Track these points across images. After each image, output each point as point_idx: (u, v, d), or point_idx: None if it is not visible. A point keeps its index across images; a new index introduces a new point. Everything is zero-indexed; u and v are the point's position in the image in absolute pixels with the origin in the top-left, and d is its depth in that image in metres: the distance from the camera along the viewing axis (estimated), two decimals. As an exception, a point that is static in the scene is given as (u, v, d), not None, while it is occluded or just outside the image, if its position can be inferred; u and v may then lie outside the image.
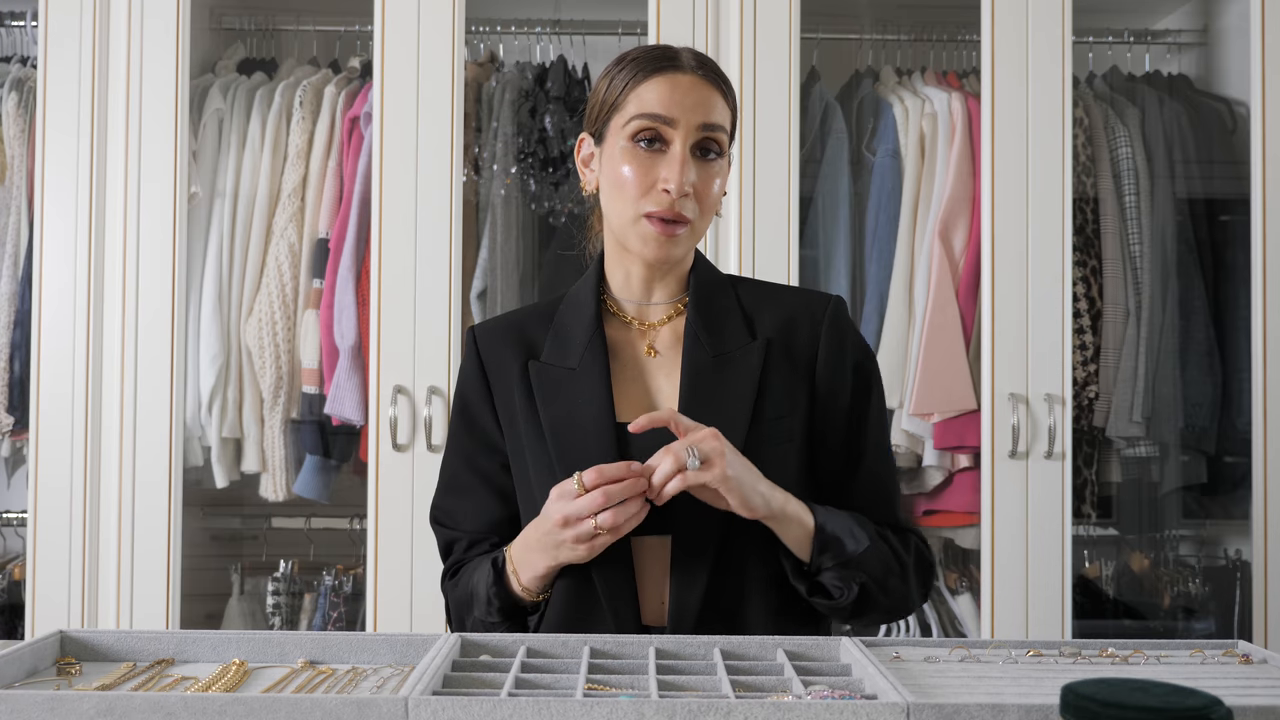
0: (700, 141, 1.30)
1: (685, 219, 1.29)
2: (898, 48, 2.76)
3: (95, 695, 0.87)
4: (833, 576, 1.26)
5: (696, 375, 1.32)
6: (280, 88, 2.59)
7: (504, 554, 1.31)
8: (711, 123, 1.30)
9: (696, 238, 1.34)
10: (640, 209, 1.30)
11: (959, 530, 2.54)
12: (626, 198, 1.30)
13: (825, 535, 1.25)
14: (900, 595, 1.31)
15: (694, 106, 1.29)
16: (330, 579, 2.63)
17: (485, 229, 2.57)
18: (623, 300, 1.40)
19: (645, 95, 1.30)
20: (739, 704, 0.85)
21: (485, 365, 1.39)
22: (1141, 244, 2.56)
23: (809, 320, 1.37)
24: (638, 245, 1.32)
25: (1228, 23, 2.76)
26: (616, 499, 1.18)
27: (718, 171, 1.32)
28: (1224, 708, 0.67)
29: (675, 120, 1.29)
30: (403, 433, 2.37)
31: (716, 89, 1.32)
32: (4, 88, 2.57)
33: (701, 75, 1.32)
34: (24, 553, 2.52)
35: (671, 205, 1.28)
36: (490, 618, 1.32)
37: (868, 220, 2.56)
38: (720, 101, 1.32)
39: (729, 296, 1.38)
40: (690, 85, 1.30)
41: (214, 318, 2.52)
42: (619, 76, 1.33)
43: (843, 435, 1.37)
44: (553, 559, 1.25)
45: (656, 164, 1.29)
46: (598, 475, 1.18)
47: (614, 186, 1.32)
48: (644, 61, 1.32)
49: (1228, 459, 2.62)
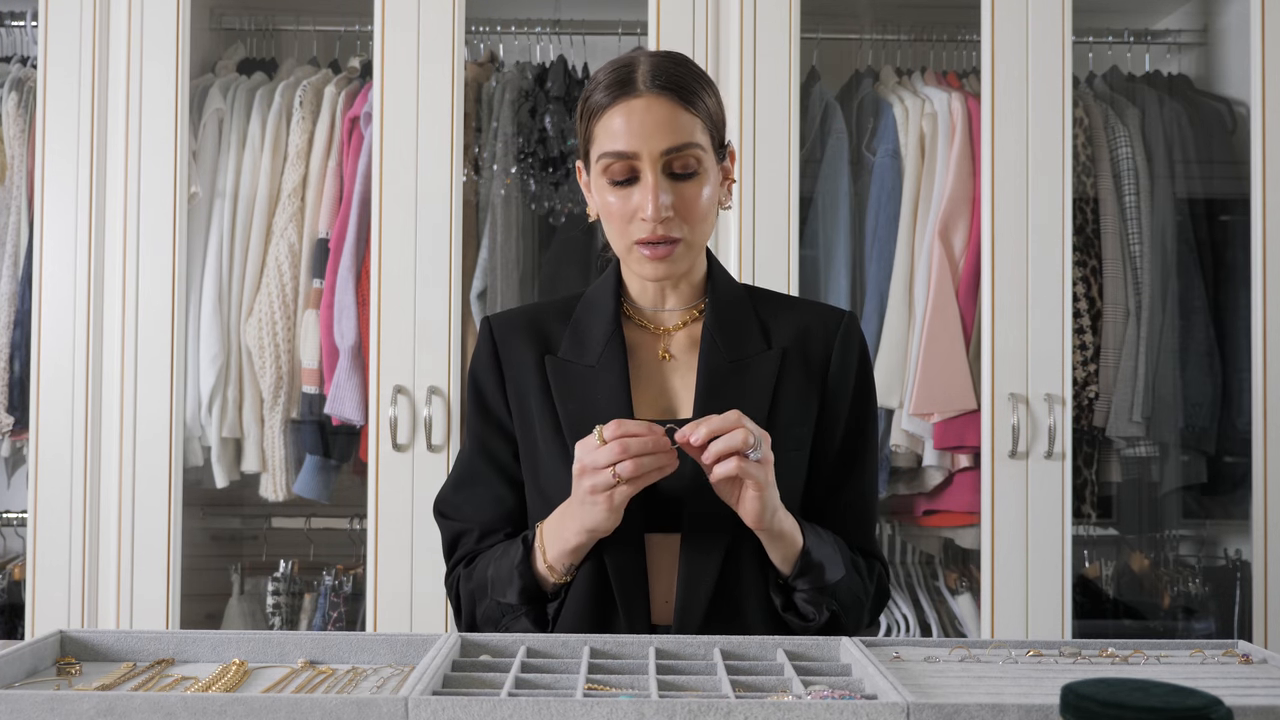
0: (668, 164, 1.30)
1: (672, 238, 1.31)
2: (898, 48, 2.76)
3: (95, 695, 0.87)
4: (805, 599, 1.29)
5: (713, 379, 1.34)
6: (280, 88, 2.59)
7: (536, 528, 1.32)
8: (675, 145, 1.29)
9: (696, 249, 1.35)
10: (629, 239, 1.32)
11: (959, 530, 2.54)
12: (615, 230, 1.34)
13: (810, 559, 1.27)
14: (855, 622, 1.36)
15: (654, 133, 1.28)
16: (330, 579, 2.63)
17: (485, 229, 2.57)
18: (639, 304, 1.42)
19: (609, 129, 1.30)
20: (739, 704, 0.85)
21: (500, 355, 1.41)
22: (1141, 244, 2.56)
23: (823, 332, 1.39)
24: (638, 268, 1.35)
25: (1228, 23, 2.76)
26: (634, 452, 1.19)
27: (699, 185, 1.31)
28: (1224, 708, 0.67)
29: (637, 153, 1.28)
30: (403, 433, 2.37)
31: (679, 103, 1.29)
32: (4, 88, 2.57)
33: (659, 93, 1.29)
34: (24, 553, 2.52)
35: (654, 231, 1.29)
36: (508, 598, 1.31)
37: (868, 220, 2.56)
38: (684, 116, 1.29)
39: (745, 306, 1.40)
40: (646, 109, 1.28)
41: (214, 318, 2.52)
42: (586, 108, 1.34)
43: (839, 450, 1.39)
44: (578, 523, 1.25)
45: (632, 195, 1.30)
46: (618, 427, 1.20)
47: (604, 218, 1.35)
48: (602, 91, 1.31)
49: (1228, 459, 2.62)
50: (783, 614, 1.30)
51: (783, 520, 1.25)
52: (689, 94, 1.31)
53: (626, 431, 1.19)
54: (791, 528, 1.27)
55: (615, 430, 1.19)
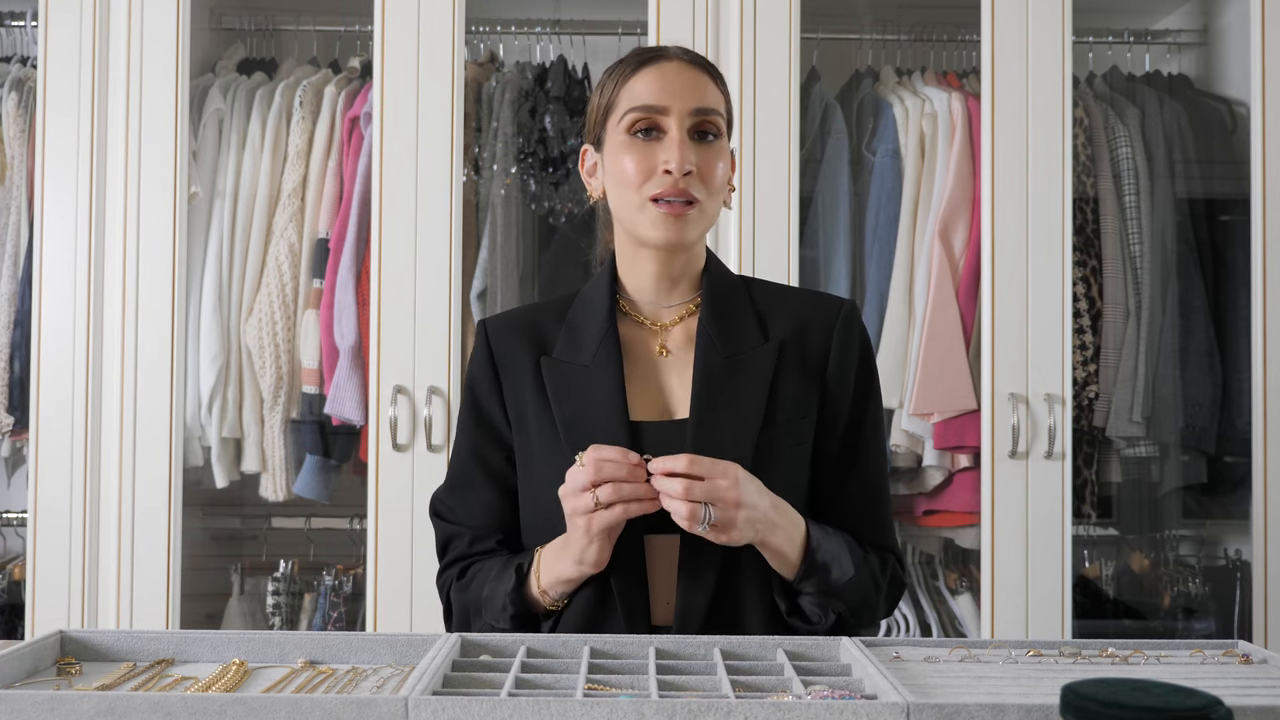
0: (696, 125, 1.31)
1: (692, 197, 1.29)
2: (898, 48, 2.76)
3: (95, 695, 0.87)
4: (811, 602, 1.28)
5: (709, 375, 1.32)
6: (280, 88, 2.59)
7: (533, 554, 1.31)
8: (705, 106, 1.31)
9: (707, 220, 1.33)
10: (645, 194, 1.30)
11: (959, 530, 2.54)
12: (630, 187, 1.30)
13: (814, 561, 1.25)
14: (869, 621, 1.34)
15: (684, 91, 1.30)
16: (330, 579, 2.63)
17: (485, 229, 2.57)
18: (636, 300, 1.40)
19: (636, 89, 1.31)
20: (739, 704, 0.85)
21: (496, 359, 1.40)
22: (1141, 244, 2.56)
23: (822, 323, 1.37)
24: (648, 231, 1.31)
25: (1228, 23, 2.76)
26: (607, 475, 1.19)
27: (719, 153, 1.32)
28: (1224, 708, 0.67)
29: (668, 107, 1.30)
30: (403, 433, 2.37)
31: (706, 74, 1.34)
32: (4, 88, 2.57)
33: (689, 62, 1.33)
34: (24, 553, 2.52)
35: (675, 184, 1.28)
36: (500, 623, 1.31)
37: (868, 220, 2.56)
38: (712, 87, 1.33)
39: (742, 298, 1.38)
40: (678, 71, 1.32)
41: (214, 318, 2.52)
42: (609, 81, 1.35)
43: (841, 442, 1.37)
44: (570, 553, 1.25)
45: (655, 150, 1.30)
46: (594, 451, 1.20)
47: (618, 182, 1.32)
48: (630, 59, 1.35)
49: (1228, 459, 2.62)
50: (788, 619, 1.29)
51: (767, 533, 1.23)
52: (716, 74, 1.36)
53: (601, 456, 1.20)
54: (785, 539, 1.24)
55: (591, 454, 1.20)
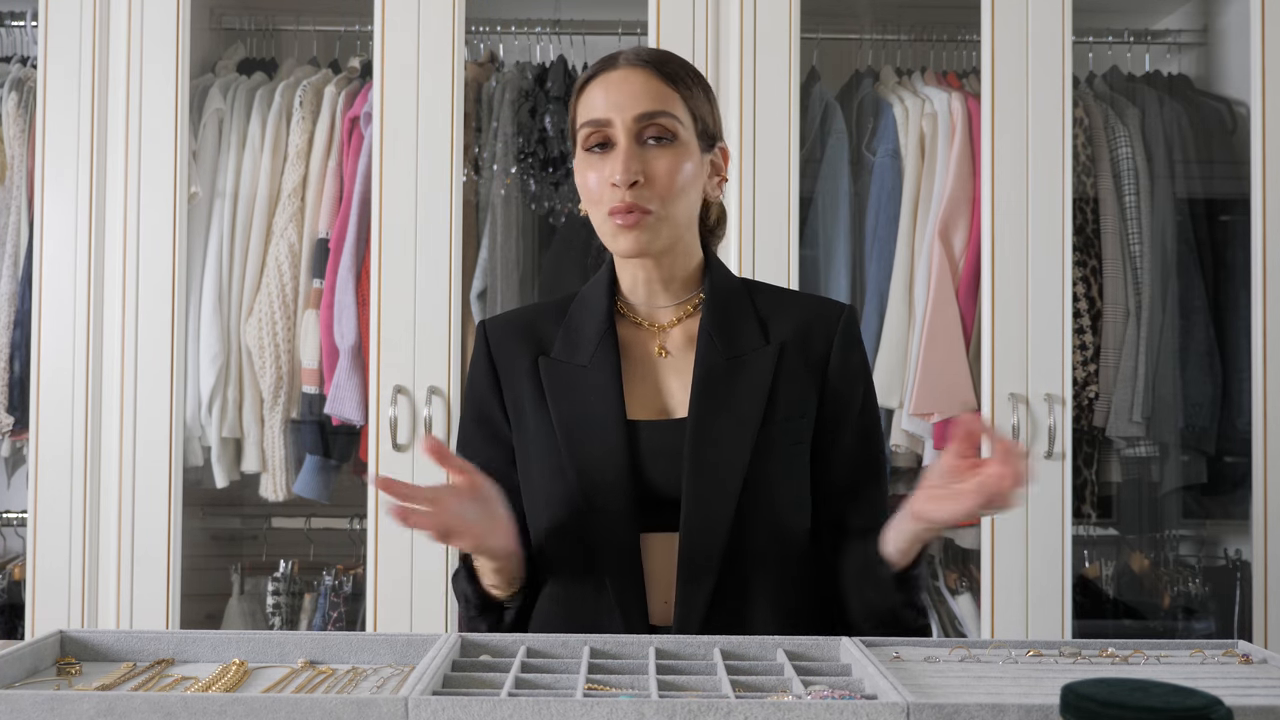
0: (642, 131, 1.30)
1: (641, 208, 1.29)
2: (898, 48, 2.76)
3: (95, 695, 0.87)
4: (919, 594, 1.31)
5: (709, 376, 1.32)
6: (280, 88, 2.59)
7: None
8: (649, 110, 1.30)
9: (670, 225, 1.32)
10: (603, 209, 1.32)
11: (959, 530, 2.54)
12: (592, 202, 1.33)
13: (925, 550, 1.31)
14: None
15: (627, 100, 1.30)
16: (330, 579, 2.63)
17: (485, 229, 2.57)
18: (632, 302, 1.40)
19: (586, 103, 1.33)
20: (739, 704, 0.85)
21: (495, 360, 1.40)
22: (1141, 244, 2.56)
23: (823, 327, 1.38)
24: (612, 244, 1.34)
25: (1228, 23, 2.76)
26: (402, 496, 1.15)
27: (674, 155, 1.31)
28: (1224, 708, 0.67)
29: (611, 119, 1.30)
30: (403, 433, 2.37)
31: (656, 76, 1.32)
32: (4, 88, 2.57)
33: (637, 66, 1.32)
34: (24, 553, 2.52)
35: (622, 198, 1.29)
36: (479, 621, 1.33)
37: (868, 220, 2.56)
38: (660, 87, 1.31)
39: (744, 300, 1.39)
40: (622, 80, 1.31)
41: (214, 318, 2.52)
42: (574, 96, 1.37)
43: (839, 446, 1.37)
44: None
45: (606, 164, 1.31)
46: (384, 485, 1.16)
47: (583, 198, 1.35)
48: (586, 73, 1.35)
49: (1228, 459, 2.62)
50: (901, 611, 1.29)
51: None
52: (667, 70, 1.33)
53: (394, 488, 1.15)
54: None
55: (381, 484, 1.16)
